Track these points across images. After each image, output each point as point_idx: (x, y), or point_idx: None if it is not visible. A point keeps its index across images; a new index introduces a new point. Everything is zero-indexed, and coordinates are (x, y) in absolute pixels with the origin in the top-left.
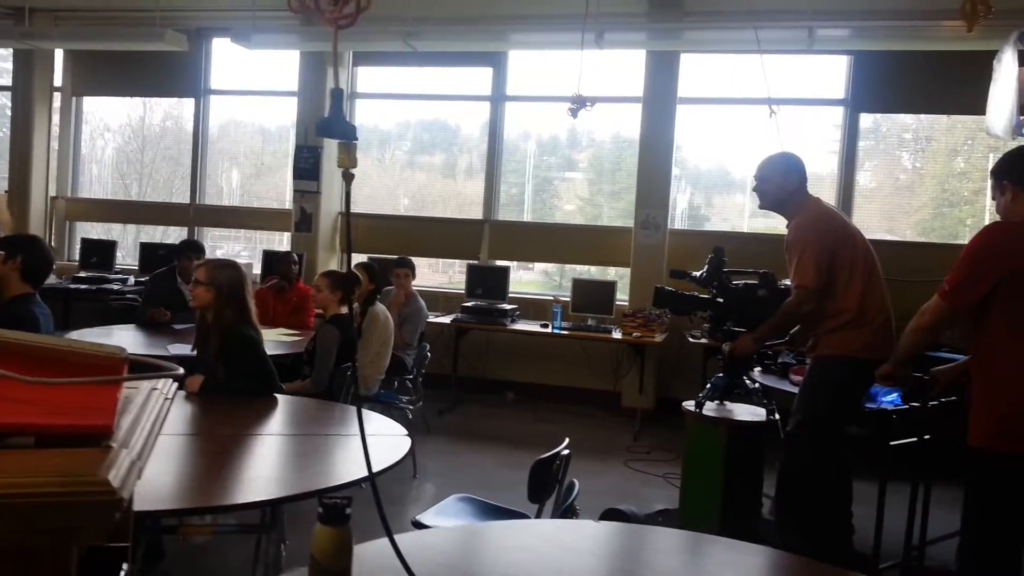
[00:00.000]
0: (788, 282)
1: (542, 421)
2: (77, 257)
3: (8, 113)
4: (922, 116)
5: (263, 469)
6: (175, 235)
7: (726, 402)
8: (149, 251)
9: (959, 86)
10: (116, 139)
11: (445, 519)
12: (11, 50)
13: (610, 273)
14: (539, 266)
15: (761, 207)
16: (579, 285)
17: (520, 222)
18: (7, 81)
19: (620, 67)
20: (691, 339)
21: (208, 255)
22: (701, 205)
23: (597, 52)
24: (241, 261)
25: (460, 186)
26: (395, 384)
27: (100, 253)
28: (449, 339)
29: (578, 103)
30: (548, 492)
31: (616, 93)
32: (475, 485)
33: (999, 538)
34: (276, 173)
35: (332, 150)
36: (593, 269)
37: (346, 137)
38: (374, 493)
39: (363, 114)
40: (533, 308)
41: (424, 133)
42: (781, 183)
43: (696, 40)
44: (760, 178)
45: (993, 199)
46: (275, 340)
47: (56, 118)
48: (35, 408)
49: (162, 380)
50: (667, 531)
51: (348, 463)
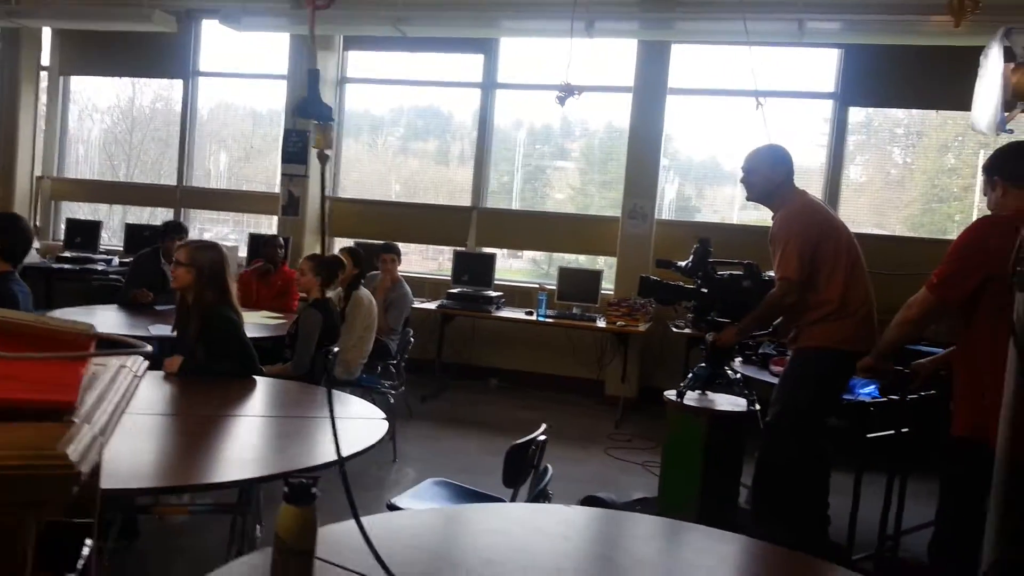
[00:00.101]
0: (772, 273)
1: (525, 408)
2: (62, 237)
3: None
4: (913, 111)
5: (240, 450)
6: (162, 216)
7: (707, 392)
8: (134, 232)
9: (949, 82)
10: (105, 120)
11: (419, 502)
12: None
13: (599, 262)
14: (528, 254)
15: (748, 199)
16: (565, 274)
17: (508, 210)
18: None
19: (613, 57)
20: (674, 329)
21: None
22: (692, 196)
23: (588, 41)
24: (228, 244)
25: (452, 173)
26: (378, 369)
27: (85, 233)
28: (434, 325)
29: (566, 91)
30: (523, 477)
31: (608, 83)
32: (455, 470)
33: (973, 530)
34: (266, 157)
35: None
36: (582, 258)
37: (321, 118)
38: (341, 474)
39: (354, 99)
40: (519, 296)
41: (418, 120)
42: (768, 175)
43: (687, 30)
44: (748, 170)
45: (984, 195)
46: (258, 323)
47: (44, 97)
48: None
49: (132, 358)
50: (643, 517)
51: (325, 444)
